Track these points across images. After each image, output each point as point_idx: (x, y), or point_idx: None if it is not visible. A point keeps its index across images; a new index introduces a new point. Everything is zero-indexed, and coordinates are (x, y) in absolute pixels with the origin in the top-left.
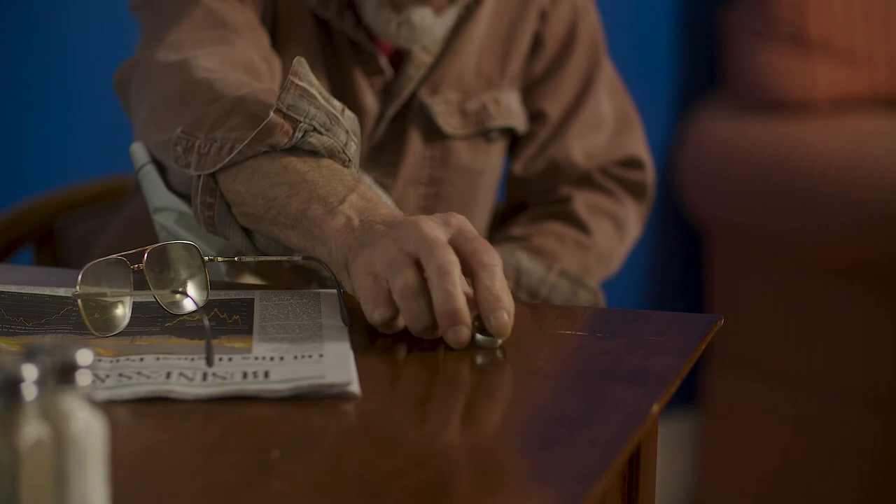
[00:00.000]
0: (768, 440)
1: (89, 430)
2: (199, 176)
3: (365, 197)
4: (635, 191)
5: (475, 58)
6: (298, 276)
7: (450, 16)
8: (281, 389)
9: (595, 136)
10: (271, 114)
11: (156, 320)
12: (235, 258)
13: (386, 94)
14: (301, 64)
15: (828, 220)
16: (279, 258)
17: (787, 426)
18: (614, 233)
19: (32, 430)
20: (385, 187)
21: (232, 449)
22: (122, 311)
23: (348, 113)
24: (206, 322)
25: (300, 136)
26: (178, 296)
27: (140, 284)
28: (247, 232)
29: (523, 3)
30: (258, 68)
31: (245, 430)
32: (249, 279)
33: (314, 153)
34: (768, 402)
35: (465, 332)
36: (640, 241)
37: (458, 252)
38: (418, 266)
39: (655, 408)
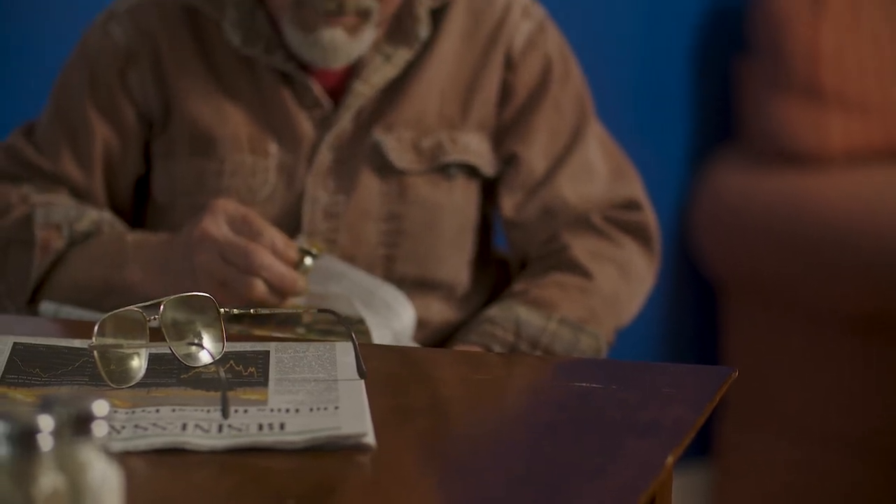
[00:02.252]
0: (782, 493)
1: (105, 480)
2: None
3: (136, 240)
4: (636, 232)
5: (437, 101)
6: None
7: (367, 35)
8: (297, 441)
9: (588, 184)
10: (37, 233)
11: (172, 372)
12: (251, 310)
13: (325, 123)
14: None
15: (842, 272)
16: (293, 310)
17: (801, 479)
18: (618, 276)
19: (49, 480)
20: (335, 215)
21: (247, 501)
22: (138, 363)
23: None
24: (222, 374)
25: (68, 231)
26: (193, 348)
27: (156, 336)
28: None
29: (486, 51)
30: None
31: (260, 482)
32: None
33: (89, 233)
34: (783, 455)
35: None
36: (654, 292)
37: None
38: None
39: (670, 459)
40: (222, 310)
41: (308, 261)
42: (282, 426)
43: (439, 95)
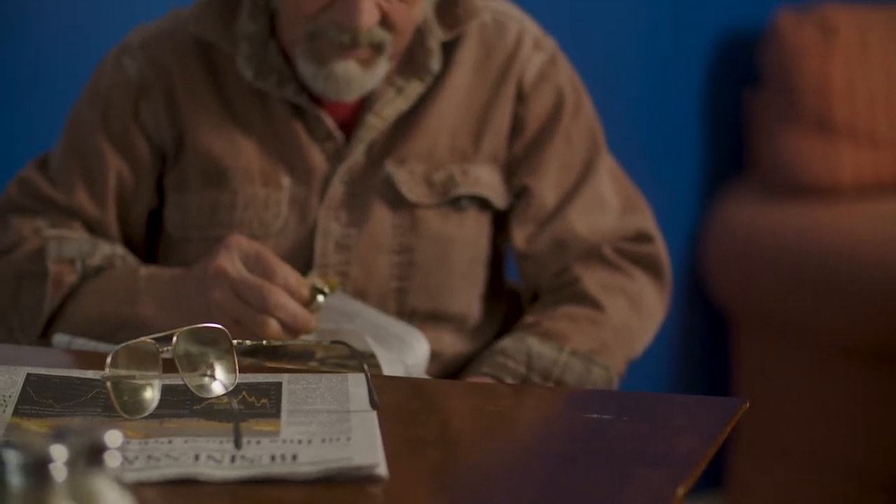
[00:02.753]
0: None
1: None
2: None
3: (149, 274)
4: (647, 264)
5: (448, 135)
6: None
7: (380, 68)
8: (309, 472)
9: (600, 216)
10: (50, 267)
11: (184, 403)
12: (263, 342)
13: (337, 156)
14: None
15: (853, 304)
16: (305, 341)
17: None
18: (630, 308)
19: None
20: (347, 248)
21: None
22: (151, 394)
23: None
24: (235, 405)
25: (81, 266)
26: (206, 379)
27: (169, 367)
28: None
29: (497, 84)
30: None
31: None
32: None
33: (102, 268)
34: (793, 485)
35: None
36: (666, 323)
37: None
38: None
39: (680, 491)
40: (235, 341)
41: (320, 299)
42: (294, 457)
43: (451, 128)
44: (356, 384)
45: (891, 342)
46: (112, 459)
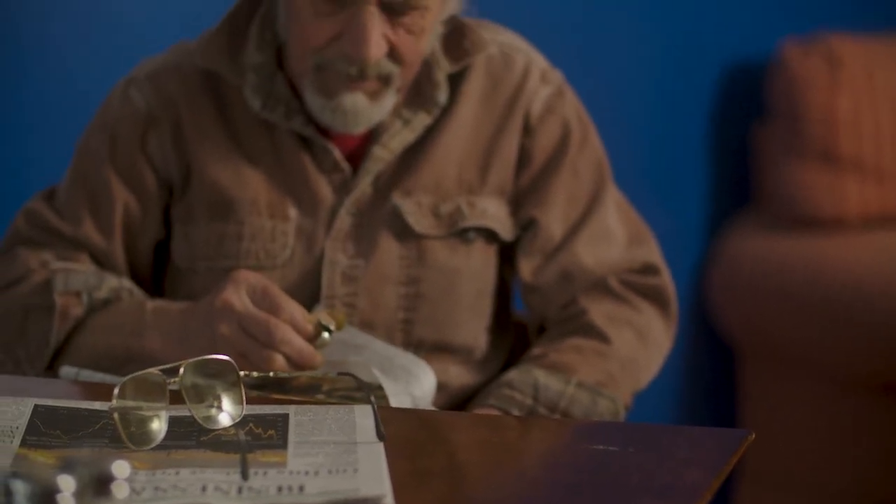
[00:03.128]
0: None
1: None
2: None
3: (156, 307)
4: (654, 296)
5: (455, 167)
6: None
7: (388, 100)
8: (316, 503)
9: (606, 248)
10: (56, 299)
11: (191, 434)
12: (270, 373)
13: (344, 187)
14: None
15: (859, 335)
16: (313, 373)
17: None
18: (636, 340)
19: None
20: (355, 279)
21: None
22: (159, 425)
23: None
24: (242, 436)
25: (87, 299)
26: (213, 410)
27: (176, 399)
28: None
29: (504, 116)
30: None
31: None
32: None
33: (108, 300)
34: None
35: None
36: (671, 354)
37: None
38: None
39: None
40: (242, 373)
41: (325, 336)
42: (301, 488)
43: (458, 160)
44: (363, 415)
45: None
46: (119, 490)
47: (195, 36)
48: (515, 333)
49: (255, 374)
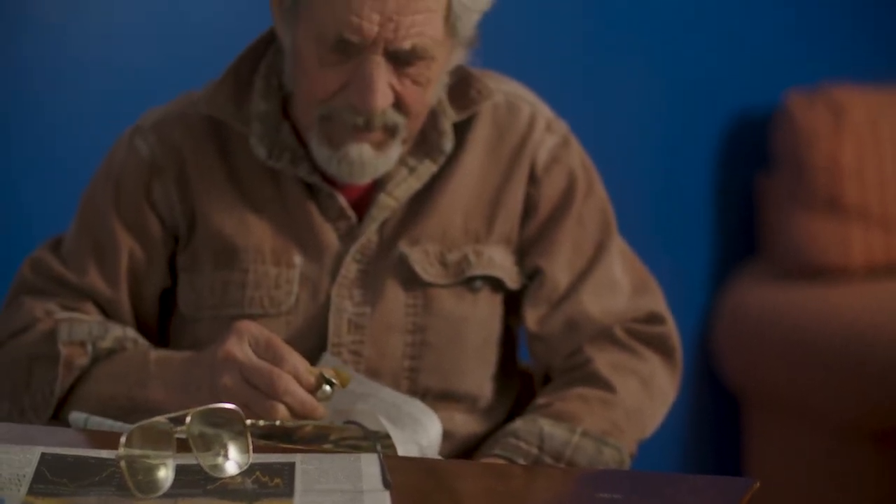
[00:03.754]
0: None
1: None
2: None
3: (159, 357)
4: (659, 346)
5: (462, 216)
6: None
7: (394, 150)
8: None
9: (611, 298)
10: (61, 349)
11: (198, 482)
12: (276, 422)
13: (350, 235)
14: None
15: (864, 385)
16: (319, 422)
17: None
18: (641, 389)
19: None
20: (361, 327)
21: None
22: (165, 473)
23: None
24: (248, 485)
25: (91, 348)
26: (220, 458)
27: (183, 447)
28: None
29: (510, 165)
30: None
31: None
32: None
33: (113, 350)
34: None
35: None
36: (677, 403)
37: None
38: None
39: None
40: (248, 421)
41: (327, 388)
42: None
43: (464, 209)
44: (369, 464)
45: None
46: None
47: (200, 86)
48: (521, 382)
49: (261, 422)
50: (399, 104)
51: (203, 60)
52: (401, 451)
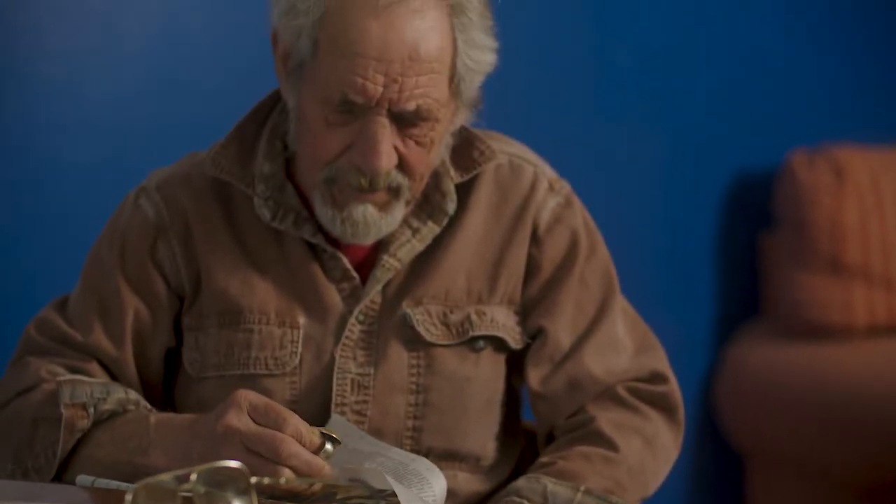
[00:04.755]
0: None
1: None
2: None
3: (159, 423)
4: (661, 404)
5: (464, 276)
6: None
7: (397, 211)
8: None
9: (614, 357)
10: (63, 412)
11: None
12: (282, 479)
13: (353, 296)
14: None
15: (867, 444)
16: (325, 481)
17: None
18: (644, 448)
19: None
20: (365, 387)
21: None
22: None
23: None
24: None
25: (93, 411)
26: None
27: None
28: None
29: (513, 226)
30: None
31: None
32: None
33: (115, 412)
34: None
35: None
36: (680, 461)
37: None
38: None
39: None
40: (253, 479)
41: (329, 447)
42: None
43: (466, 270)
44: None
45: None
46: None
47: (205, 146)
48: (524, 441)
49: (265, 480)
50: (403, 165)
51: (208, 121)
52: None
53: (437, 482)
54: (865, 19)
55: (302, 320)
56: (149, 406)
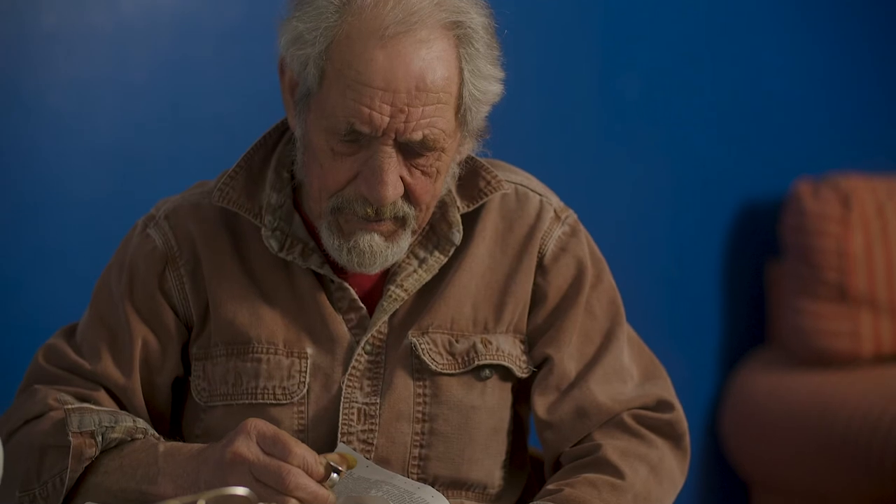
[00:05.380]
0: None
1: None
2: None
3: (167, 451)
4: (667, 432)
5: (470, 306)
6: None
7: (403, 241)
8: None
9: (620, 386)
10: (71, 439)
11: None
12: None
13: (360, 326)
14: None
15: (872, 472)
16: None
17: None
18: (650, 475)
19: None
20: (371, 417)
21: None
22: None
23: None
24: None
25: (101, 439)
26: None
27: None
28: None
29: (518, 256)
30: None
31: None
32: None
33: (123, 441)
34: None
35: None
36: (686, 489)
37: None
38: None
39: None
40: None
41: (335, 476)
42: None
43: (472, 299)
44: None
45: None
46: None
47: (212, 175)
48: (531, 469)
49: None
50: (409, 195)
51: (215, 151)
52: None
53: None
54: (871, 49)
55: (310, 350)
56: (157, 435)
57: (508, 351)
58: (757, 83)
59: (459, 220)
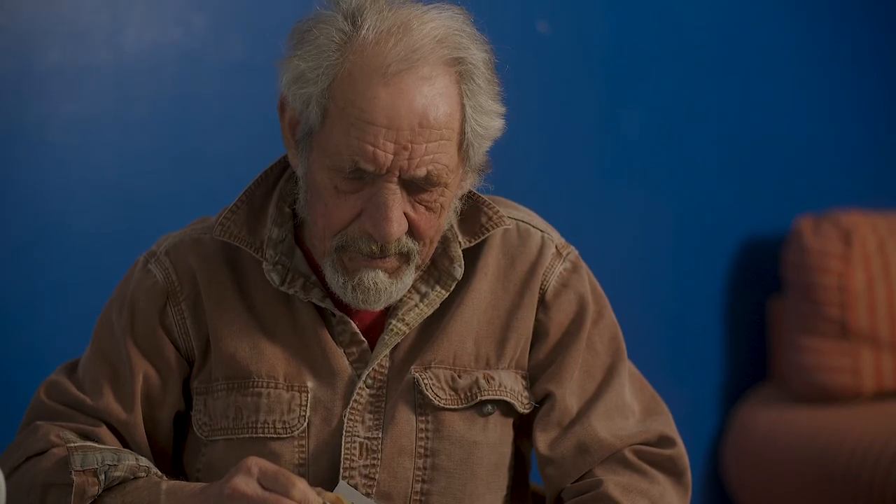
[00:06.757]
0: None
1: None
2: None
3: (170, 489)
4: (668, 468)
5: (472, 341)
6: None
7: (407, 277)
8: None
9: (621, 421)
10: (74, 478)
11: None
12: None
13: (362, 360)
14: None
15: None
16: None
17: None
18: None
19: None
20: (373, 451)
21: None
22: None
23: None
24: None
25: (104, 478)
26: None
27: None
28: None
29: (520, 292)
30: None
31: None
32: None
33: (125, 479)
34: None
35: None
36: None
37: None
38: None
39: None
40: None
41: None
42: None
43: (474, 335)
44: None
45: None
46: None
47: (214, 211)
48: None
49: None
50: (413, 230)
51: (217, 187)
52: None
53: None
54: (872, 85)
55: (310, 384)
56: (160, 473)
57: (510, 387)
58: (759, 120)
59: (461, 256)
